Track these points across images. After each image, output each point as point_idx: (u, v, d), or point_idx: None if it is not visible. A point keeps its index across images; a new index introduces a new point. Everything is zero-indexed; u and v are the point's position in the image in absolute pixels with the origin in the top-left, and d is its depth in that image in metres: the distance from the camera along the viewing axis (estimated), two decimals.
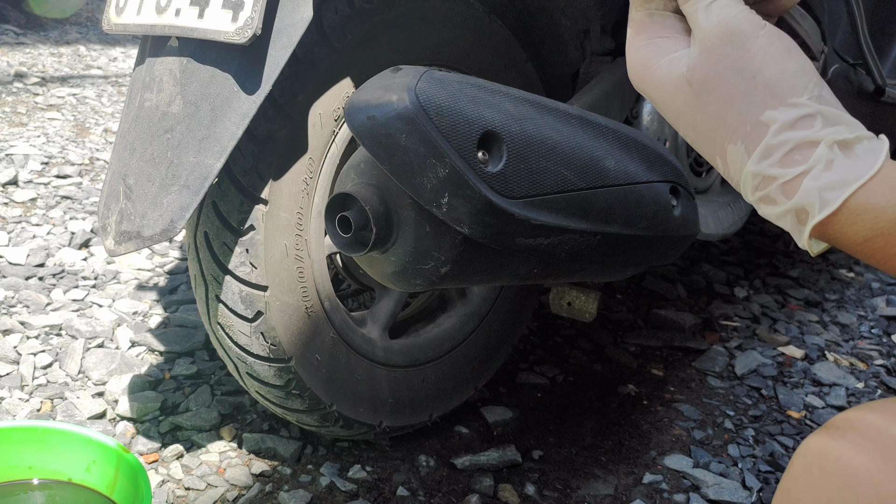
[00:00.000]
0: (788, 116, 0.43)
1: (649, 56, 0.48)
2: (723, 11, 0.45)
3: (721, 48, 0.45)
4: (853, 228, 0.41)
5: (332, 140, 1.03)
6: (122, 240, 0.90)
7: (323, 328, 1.08)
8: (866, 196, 0.41)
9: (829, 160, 0.42)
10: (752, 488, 1.25)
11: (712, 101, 0.45)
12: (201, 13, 0.85)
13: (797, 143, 0.42)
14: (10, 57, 3.92)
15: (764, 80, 0.44)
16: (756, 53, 0.44)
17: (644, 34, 0.49)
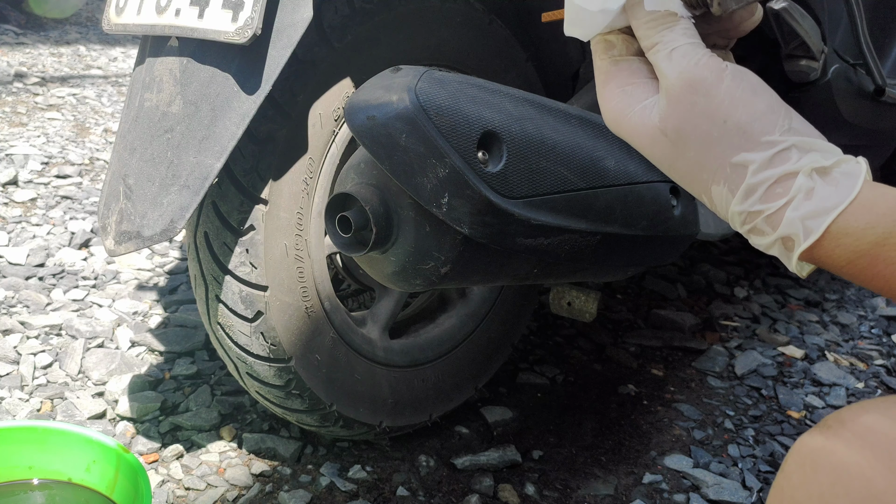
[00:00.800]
0: (764, 155, 0.44)
1: (623, 105, 0.49)
2: (684, 60, 0.46)
3: (689, 97, 0.46)
4: (837, 252, 0.43)
5: (332, 140, 1.03)
6: (122, 240, 0.90)
7: (323, 328, 1.08)
8: (847, 221, 0.42)
9: (810, 188, 0.43)
10: (752, 488, 1.25)
11: (689, 147, 0.46)
12: (201, 13, 0.85)
13: (776, 177, 0.44)
14: (10, 57, 3.92)
15: (735, 124, 0.45)
16: (724, 98, 0.45)
17: (614, 82, 0.50)
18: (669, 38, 0.47)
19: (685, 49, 0.47)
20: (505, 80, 1.18)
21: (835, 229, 0.43)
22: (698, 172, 0.47)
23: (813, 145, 0.45)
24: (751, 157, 0.44)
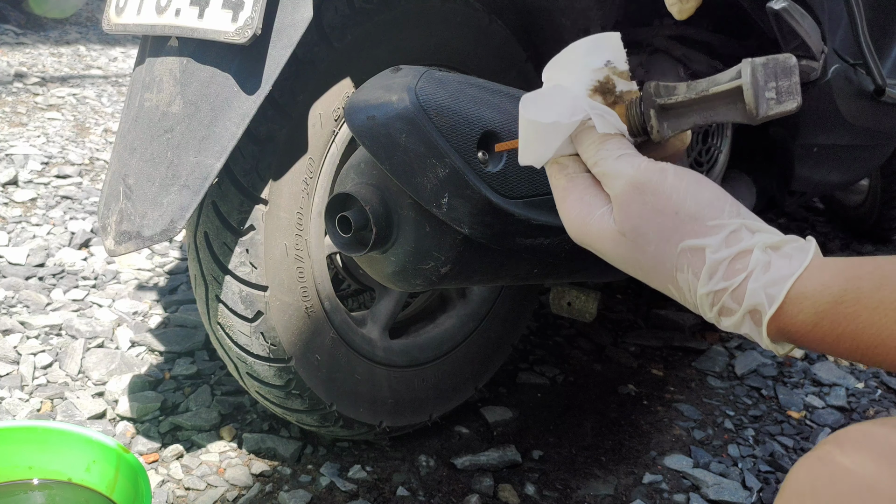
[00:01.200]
0: (720, 237, 0.48)
1: (582, 215, 0.53)
2: (628, 166, 0.51)
3: (639, 198, 0.50)
4: (800, 317, 0.46)
5: (332, 140, 1.03)
6: (122, 240, 0.90)
7: (323, 328, 1.08)
8: (803, 284, 0.45)
9: (766, 262, 0.47)
10: (752, 488, 1.25)
11: (649, 243, 0.50)
12: (201, 13, 0.85)
13: (734, 255, 0.47)
14: (10, 57, 3.92)
15: (687, 213, 0.49)
16: (671, 194, 0.49)
17: (572, 196, 0.54)
18: (611, 151, 0.52)
19: (627, 158, 0.51)
20: (505, 80, 1.18)
21: (794, 294, 0.45)
22: (662, 265, 0.50)
23: (761, 227, 0.48)
24: (707, 241, 0.48)
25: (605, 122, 0.52)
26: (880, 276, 0.44)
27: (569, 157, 0.55)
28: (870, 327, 0.44)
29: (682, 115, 0.54)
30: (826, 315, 0.45)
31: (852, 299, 0.44)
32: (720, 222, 0.48)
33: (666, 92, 0.54)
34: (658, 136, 0.54)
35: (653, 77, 1.26)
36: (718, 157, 1.42)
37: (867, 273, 0.45)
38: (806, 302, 0.45)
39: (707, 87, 0.53)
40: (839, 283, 0.45)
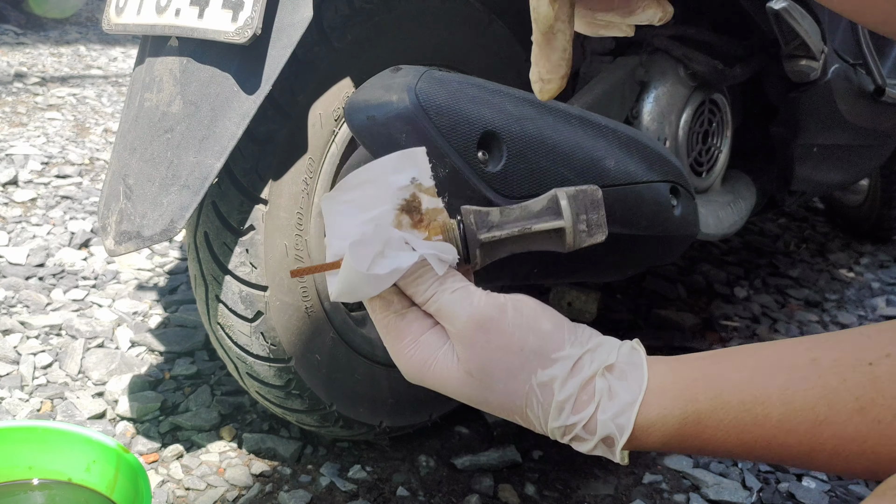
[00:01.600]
0: (565, 368, 0.49)
1: (422, 358, 0.51)
2: (465, 303, 0.49)
3: (481, 337, 0.49)
4: (651, 440, 0.48)
5: (332, 140, 1.03)
6: (122, 240, 0.90)
7: (323, 328, 1.08)
8: (648, 412, 0.48)
9: (609, 389, 0.48)
10: (752, 488, 1.25)
11: (497, 381, 0.49)
12: (201, 13, 0.85)
13: (578, 387, 0.48)
14: (10, 57, 3.92)
15: (531, 350, 0.49)
16: (513, 330, 0.49)
17: (407, 338, 0.51)
18: (444, 286, 0.50)
19: (463, 293, 0.50)
20: (505, 80, 1.18)
21: (641, 422, 0.48)
22: (511, 401, 0.50)
23: (598, 345, 0.50)
24: (553, 373, 0.49)
25: (442, 263, 0.51)
26: (714, 395, 0.47)
27: (392, 292, 0.51)
28: (713, 442, 0.48)
29: (500, 246, 0.54)
30: (673, 436, 0.48)
31: (693, 422, 0.47)
32: (563, 353, 0.49)
33: (484, 224, 0.53)
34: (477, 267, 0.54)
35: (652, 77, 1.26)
36: (718, 157, 1.42)
37: (701, 392, 0.47)
38: (652, 428, 0.48)
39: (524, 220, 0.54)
40: (680, 406, 0.47)
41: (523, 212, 0.54)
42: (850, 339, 0.48)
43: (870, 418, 0.44)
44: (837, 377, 0.46)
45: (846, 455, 0.46)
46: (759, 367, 0.48)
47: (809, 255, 2.39)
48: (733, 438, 0.47)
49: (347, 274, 0.49)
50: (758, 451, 0.48)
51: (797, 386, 0.46)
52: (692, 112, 1.30)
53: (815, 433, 0.46)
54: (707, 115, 1.35)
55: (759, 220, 2.61)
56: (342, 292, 0.51)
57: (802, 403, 0.46)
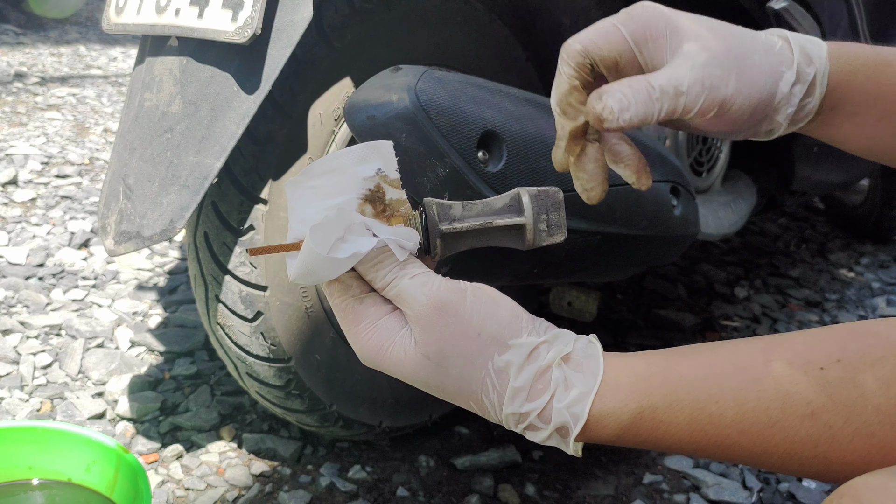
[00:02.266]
0: (521, 354, 0.49)
1: (380, 341, 0.51)
2: (426, 287, 0.50)
3: (440, 320, 0.49)
4: (605, 431, 0.49)
5: (332, 140, 1.03)
6: (121, 240, 0.89)
7: (323, 328, 1.08)
8: (603, 403, 0.48)
9: (565, 378, 0.49)
10: (752, 488, 1.25)
11: (453, 365, 0.49)
12: (201, 13, 0.85)
13: (535, 374, 0.49)
14: (10, 57, 3.92)
15: (489, 334, 0.49)
16: (472, 315, 0.50)
17: (364, 321, 0.51)
18: (404, 270, 0.51)
19: (422, 278, 0.50)
20: (505, 80, 1.18)
21: (596, 413, 0.48)
22: (467, 386, 0.50)
23: (557, 336, 0.50)
24: (509, 359, 0.49)
25: (403, 250, 0.51)
26: (670, 392, 0.48)
27: (351, 276, 0.52)
28: (668, 437, 0.48)
29: (460, 238, 0.55)
30: (627, 429, 0.48)
31: (649, 416, 0.48)
32: (520, 341, 0.49)
33: (446, 216, 0.54)
34: (439, 258, 0.55)
35: None
36: (719, 157, 1.42)
37: (656, 388, 0.48)
38: (608, 419, 0.48)
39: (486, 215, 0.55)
40: (635, 400, 0.48)
41: (485, 207, 0.56)
42: (803, 340, 0.48)
43: (821, 423, 0.45)
44: (790, 381, 0.46)
45: (798, 458, 0.46)
46: (715, 367, 0.48)
47: (809, 255, 2.39)
48: (687, 436, 0.48)
49: (307, 256, 0.49)
50: (711, 449, 0.48)
51: (751, 387, 0.47)
52: None
53: (767, 435, 0.46)
54: None
55: (759, 220, 2.61)
56: (300, 274, 0.51)
57: (756, 405, 0.46)
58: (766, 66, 0.54)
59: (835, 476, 0.47)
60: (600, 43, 0.55)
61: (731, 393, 0.47)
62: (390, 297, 0.51)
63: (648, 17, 0.54)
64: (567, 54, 0.55)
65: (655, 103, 0.53)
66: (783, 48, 0.55)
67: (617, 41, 0.55)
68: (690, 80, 0.52)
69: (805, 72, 0.55)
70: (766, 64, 0.54)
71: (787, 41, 0.56)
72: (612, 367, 0.49)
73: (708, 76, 0.53)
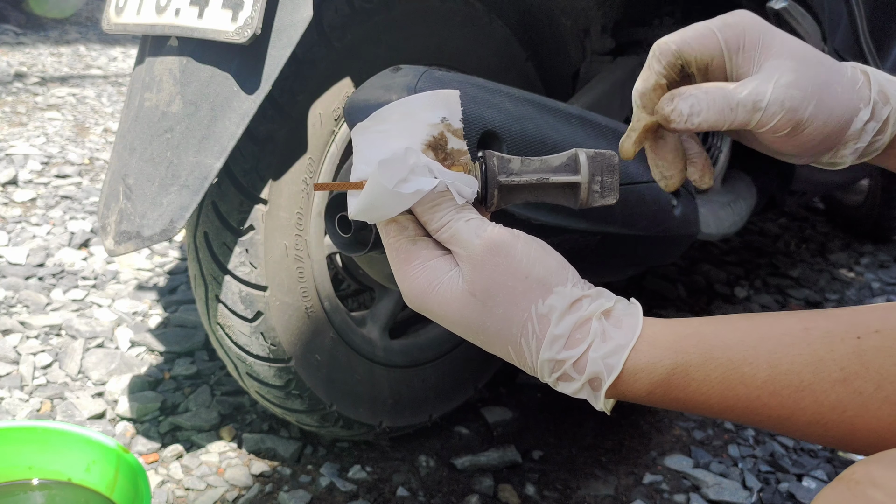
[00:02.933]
0: (565, 301, 0.50)
1: (428, 280, 0.53)
2: (480, 229, 0.52)
3: (491, 260, 0.51)
4: (636, 386, 0.49)
5: (332, 140, 1.03)
6: (121, 240, 0.89)
7: (323, 328, 1.08)
8: (637, 357, 0.49)
9: (603, 331, 0.50)
10: (752, 488, 1.25)
11: (498, 304, 0.51)
12: (201, 13, 0.85)
13: (575, 324, 0.50)
14: (10, 57, 3.92)
15: (536, 278, 0.51)
16: (522, 258, 0.51)
17: (416, 261, 0.53)
18: (461, 214, 0.53)
19: (477, 222, 0.52)
20: (505, 80, 1.18)
21: (630, 366, 0.49)
22: (507, 329, 0.51)
23: (600, 293, 0.52)
24: (553, 303, 0.50)
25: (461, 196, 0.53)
26: (705, 351, 0.49)
27: (408, 218, 0.54)
28: (697, 396, 0.49)
29: (515, 192, 0.57)
30: (659, 385, 0.49)
31: (682, 373, 0.49)
32: (565, 290, 0.51)
33: (504, 169, 0.56)
34: (493, 208, 0.57)
35: None
36: (719, 157, 1.42)
37: (693, 346, 0.49)
38: (641, 374, 0.49)
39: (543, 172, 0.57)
40: (669, 357, 0.49)
41: (542, 164, 0.57)
42: (843, 314, 0.49)
43: (851, 389, 0.46)
44: (825, 347, 0.47)
45: (824, 423, 0.47)
46: (751, 331, 0.49)
47: (809, 255, 2.39)
48: (717, 395, 0.49)
49: (372, 190, 0.51)
50: (739, 409, 0.49)
51: (786, 351, 0.48)
52: None
53: (797, 398, 0.47)
54: None
55: (759, 220, 2.61)
56: (362, 210, 0.52)
57: (789, 368, 0.47)
58: (845, 99, 0.56)
59: (856, 443, 0.47)
60: (695, 45, 0.57)
61: (765, 355, 0.48)
62: (444, 239, 0.53)
63: (745, 27, 0.56)
64: (660, 51, 0.57)
65: (730, 113, 0.55)
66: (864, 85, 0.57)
67: (711, 46, 0.56)
68: (771, 98, 0.54)
69: (880, 111, 0.56)
70: (847, 97, 0.56)
71: (868, 77, 0.57)
72: (651, 325, 0.50)
73: (789, 97, 0.54)
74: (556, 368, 0.50)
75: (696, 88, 0.56)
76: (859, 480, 0.44)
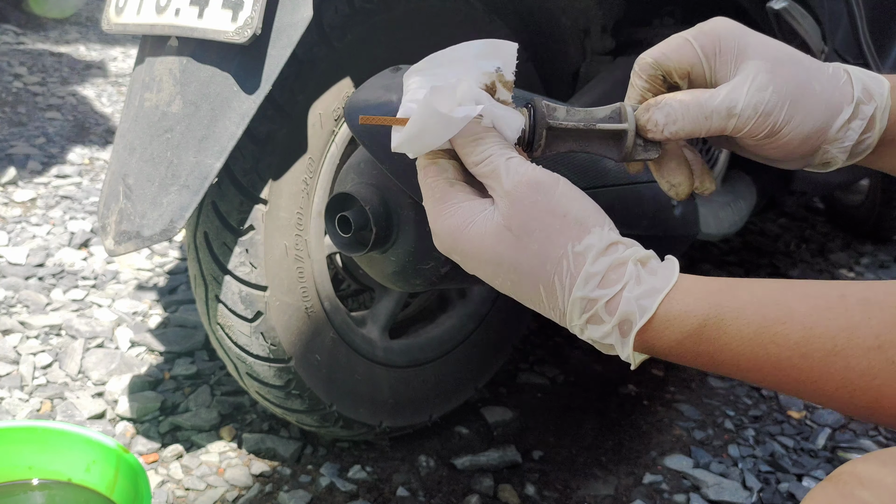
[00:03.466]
0: (602, 242, 0.50)
1: (462, 219, 0.52)
2: (521, 167, 0.52)
3: (531, 196, 0.51)
4: (666, 333, 0.49)
5: (332, 140, 1.03)
6: (121, 240, 0.89)
7: (323, 328, 1.08)
8: (671, 305, 0.49)
9: (638, 275, 0.50)
10: (752, 488, 1.25)
11: (534, 240, 0.51)
12: (201, 13, 0.85)
13: (610, 265, 0.50)
14: (10, 57, 3.92)
15: (574, 217, 0.51)
16: (561, 197, 0.51)
17: (450, 201, 0.53)
18: (503, 151, 0.53)
19: (519, 160, 0.52)
20: None
21: (663, 312, 0.49)
22: (541, 266, 0.51)
23: (633, 243, 0.52)
24: (591, 242, 0.50)
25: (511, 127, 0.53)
26: (739, 307, 0.48)
27: (447, 160, 0.54)
28: (727, 351, 0.48)
29: (561, 138, 0.57)
30: (690, 336, 0.48)
31: (714, 325, 0.48)
32: (603, 232, 0.51)
33: (552, 115, 0.56)
34: (538, 154, 0.57)
35: None
36: (719, 157, 1.42)
37: (728, 301, 0.49)
38: (673, 321, 0.49)
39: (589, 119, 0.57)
40: (703, 308, 0.48)
41: (587, 114, 0.58)
42: (880, 285, 0.49)
43: (885, 357, 0.45)
44: (862, 314, 0.46)
45: (852, 389, 0.46)
46: (787, 292, 0.49)
47: (809, 255, 2.39)
48: (748, 352, 0.48)
49: (422, 115, 0.51)
50: (767, 369, 0.48)
51: (822, 314, 0.47)
52: None
53: (828, 362, 0.46)
54: None
55: (759, 220, 2.61)
56: (407, 139, 0.52)
57: (823, 331, 0.46)
58: (826, 98, 0.56)
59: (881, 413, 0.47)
60: (672, 56, 0.58)
61: (800, 317, 0.47)
62: (483, 174, 0.52)
63: (720, 33, 0.57)
64: (639, 67, 0.59)
65: (705, 121, 0.56)
66: (846, 83, 0.57)
67: (689, 54, 0.57)
68: (745, 103, 0.55)
69: (864, 109, 0.57)
70: (827, 96, 0.56)
71: (850, 75, 0.57)
72: (685, 278, 0.50)
73: (763, 101, 0.55)
74: (587, 308, 0.50)
75: (672, 97, 0.57)
76: (847, 480, 0.44)
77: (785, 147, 0.57)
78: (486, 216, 0.52)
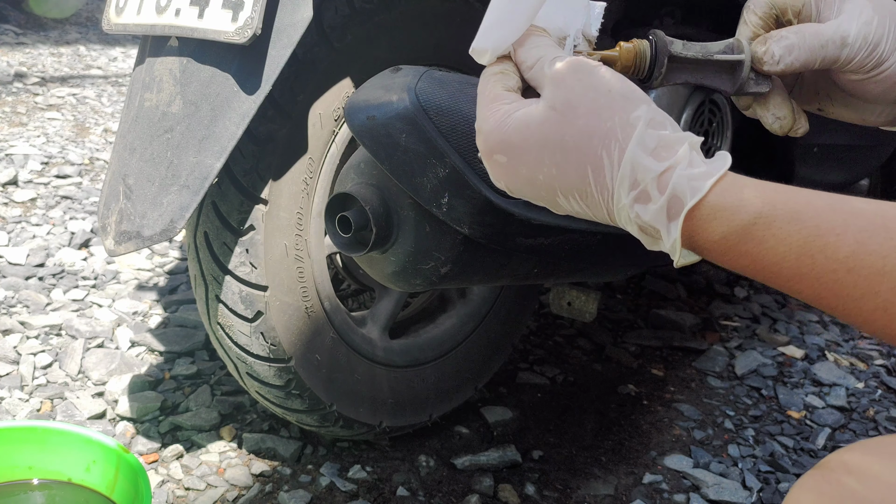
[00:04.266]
0: (650, 114, 0.49)
1: (507, 110, 0.52)
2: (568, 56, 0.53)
3: (574, 76, 0.51)
4: (713, 224, 0.47)
5: (332, 140, 1.03)
6: (121, 240, 0.90)
7: (323, 328, 1.08)
8: (721, 195, 0.47)
9: (690, 159, 0.48)
10: (752, 488, 1.25)
11: (579, 115, 0.50)
12: (201, 13, 0.85)
13: (660, 141, 0.48)
14: (10, 57, 3.92)
15: (619, 93, 0.50)
16: (603, 76, 0.51)
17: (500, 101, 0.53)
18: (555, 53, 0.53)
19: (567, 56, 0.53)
20: None
21: (714, 201, 0.47)
22: (588, 141, 0.49)
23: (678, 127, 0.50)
24: (639, 113, 0.49)
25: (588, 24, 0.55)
26: (793, 210, 0.46)
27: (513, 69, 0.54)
28: (772, 254, 0.46)
29: (678, 70, 0.59)
30: (737, 231, 0.47)
31: (764, 224, 0.46)
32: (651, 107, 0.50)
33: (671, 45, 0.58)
34: (656, 84, 0.58)
35: None
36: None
37: (782, 203, 0.47)
38: (721, 213, 0.47)
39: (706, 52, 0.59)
40: (757, 205, 0.47)
41: (703, 47, 0.60)
42: None
43: None
44: None
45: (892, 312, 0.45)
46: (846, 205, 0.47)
47: None
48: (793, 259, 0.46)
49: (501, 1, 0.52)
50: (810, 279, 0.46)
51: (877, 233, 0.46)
52: (692, 112, 1.30)
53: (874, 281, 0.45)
54: (707, 114, 1.35)
55: None
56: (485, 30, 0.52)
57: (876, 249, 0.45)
58: None
59: None
60: None
61: (854, 231, 0.46)
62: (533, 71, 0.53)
63: None
64: (755, 4, 0.62)
65: (820, 49, 0.59)
66: None
67: None
68: (855, 33, 0.58)
69: None
70: None
71: None
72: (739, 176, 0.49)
73: (870, 32, 0.58)
74: (636, 184, 0.48)
75: (788, 30, 0.60)
76: (834, 468, 0.44)
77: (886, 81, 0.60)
78: (528, 106, 0.52)
